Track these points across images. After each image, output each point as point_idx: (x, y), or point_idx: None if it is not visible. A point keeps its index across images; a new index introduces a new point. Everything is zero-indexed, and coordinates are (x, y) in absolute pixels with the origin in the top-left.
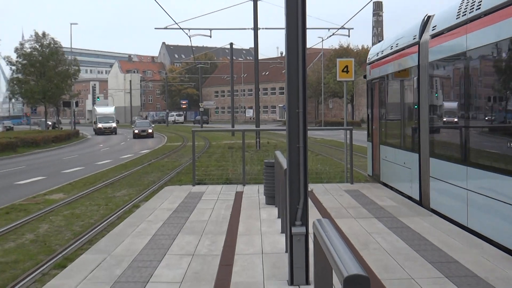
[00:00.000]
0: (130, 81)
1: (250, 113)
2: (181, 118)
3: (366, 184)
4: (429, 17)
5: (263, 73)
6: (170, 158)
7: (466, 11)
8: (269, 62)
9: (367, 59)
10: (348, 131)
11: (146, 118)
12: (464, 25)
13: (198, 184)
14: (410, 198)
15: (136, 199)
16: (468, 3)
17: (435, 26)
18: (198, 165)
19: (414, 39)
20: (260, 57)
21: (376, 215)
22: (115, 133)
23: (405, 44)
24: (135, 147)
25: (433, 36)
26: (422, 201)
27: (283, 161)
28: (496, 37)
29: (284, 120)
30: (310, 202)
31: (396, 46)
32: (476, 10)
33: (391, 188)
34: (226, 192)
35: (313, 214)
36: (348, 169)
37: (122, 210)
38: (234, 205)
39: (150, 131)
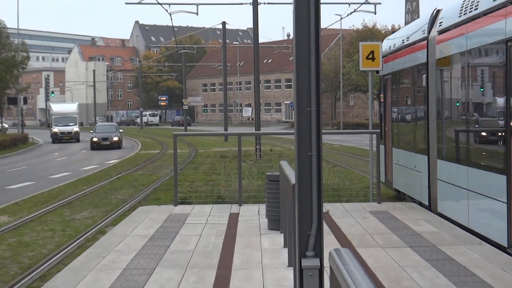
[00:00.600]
0: (94, 71)
1: (248, 112)
2: (156, 119)
3: (397, 204)
4: (438, 11)
5: (265, 61)
6: (145, 170)
7: (466, 10)
8: (272, 47)
9: (381, 50)
10: (374, 135)
11: (110, 119)
12: (465, 24)
13: (181, 203)
14: (420, 203)
15: (102, 223)
16: (468, 3)
17: (442, 22)
18: (181, 179)
19: (423, 33)
20: (261, 40)
21: (410, 243)
22: (77, 140)
23: (415, 39)
24: (100, 156)
25: (440, 32)
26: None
27: (291, 174)
28: (492, 39)
29: (291, 121)
30: (325, 227)
31: (407, 40)
32: (474, 10)
33: (403, 195)
34: (217, 214)
35: (330, 243)
36: (375, 184)
37: (83, 237)
38: (227, 230)
39: (115, 139)
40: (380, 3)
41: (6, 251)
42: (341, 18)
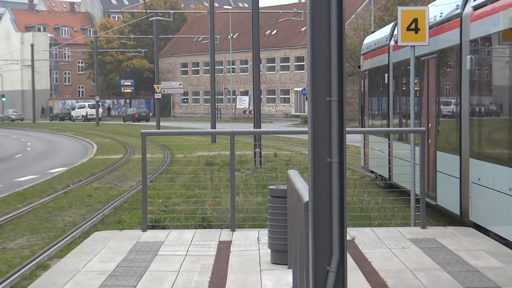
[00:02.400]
0: (32, 45)
1: (244, 103)
2: (92, 112)
3: (448, 229)
4: (395, 23)
5: (268, 33)
6: (102, 182)
7: None
8: (278, 13)
9: (427, 18)
10: (417, 135)
11: (50, 112)
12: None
13: (152, 228)
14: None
15: (43, 254)
16: None
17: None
18: (153, 194)
19: (457, 9)
20: (262, 3)
21: (466, 283)
22: None
23: (447, 16)
24: (42, 161)
25: (476, 8)
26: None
27: (303, 188)
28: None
29: (304, 115)
30: (350, 261)
31: (441, 16)
32: None
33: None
34: (201, 243)
35: (356, 282)
36: (418, 202)
37: (18, 274)
38: (215, 265)
39: None
40: None
41: None
42: None
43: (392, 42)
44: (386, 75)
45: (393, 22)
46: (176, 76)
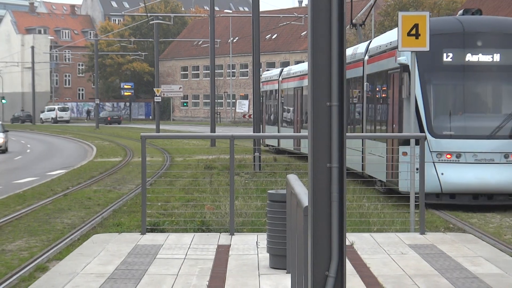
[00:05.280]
0: (33, 47)
1: (244, 107)
2: (66, 114)
3: (447, 235)
4: (370, 41)
5: (268, 37)
6: (101, 184)
7: (369, 52)
8: (278, 17)
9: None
10: (416, 141)
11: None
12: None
13: (151, 231)
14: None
15: (42, 257)
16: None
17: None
18: (152, 198)
19: (361, 55)
20: (263, 7)
21: None
22: (4, 151)
23: (354, 59)
24: (42, 163)
25: (369, 56)
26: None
27: (302, 193)
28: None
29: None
30: (349, 266)
31: (353, 57)
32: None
33: None
34: (200, 246)
35: (354, 287)
36: (417, 208)
37: (17, 276)
38: (214, 269)
39: None
40: None
41: None
42: None
43: (366, 57)
44: (361, 84)
45: (368, 41)
46: (176, 80)
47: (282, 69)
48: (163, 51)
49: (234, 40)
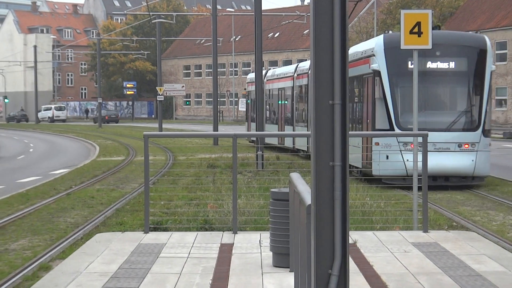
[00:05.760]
0: (35, 47)
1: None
2: (63, 114)
3: (450, 233)
4: (298, 65)
5: (270, 35)
6: (104, 183)
7: (297, 71)
8: (281, 16)
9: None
10: (419, 139)
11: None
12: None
13: (154, 230)
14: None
15: (45, 256)
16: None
17: (297, 71)
18: (155, 196)
19: (292, 72)
20: (265, 6)
21: (468, 287)
22: None
23: (287, 75)
24: (45, 163)
25: (297, 74)
26: None
27: (305, 191)
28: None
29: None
30: (352, 264)
31: (288, 73)
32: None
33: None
34: (203, 245)
35: (358, 286)
36: (420, 206)
37: (20, 275)
38: (217, 268)
39: None
40: None
41: None
42: None
43: (295, 75)
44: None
45: (296, 64)
46: (178, 78)
47: (267, 71)
48: (166, 50)
49: (237, 39)
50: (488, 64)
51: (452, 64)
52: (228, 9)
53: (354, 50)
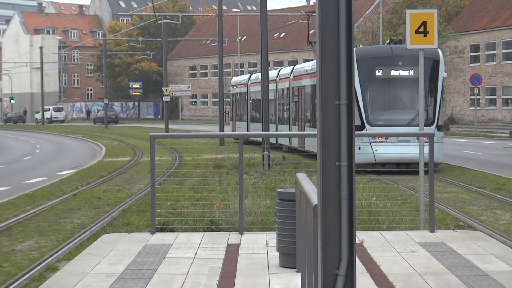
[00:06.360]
0: (41, 48)
1: None
2: (61, 115)
3: (457, 233)
4: (279, 71)
5: (276, 35)
6: (110, 184)
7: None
8: (286, 16)
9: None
10: (425, 139)
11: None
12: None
13: (161, 230)
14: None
15: (52, 257)
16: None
17: (279, 76)
18: (161, 197)
19: (274, 77)
20: (270, 6)
21: (476, 287)
22: None
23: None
24: (51, 163)
25: (294, 77)
26: None
27: (311, 192)
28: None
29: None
30: (359, 264)
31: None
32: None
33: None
34: (209, 246)
35: (365, 286)
36: (426, 206)
37: (27, 276)
38: (224, 268)
39: None
40: None
41: None
42: None
43: (278, 79)
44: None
45: (278, 70)
46: (184, 79)
47: (251, 75)
48: (171, 51)
49: (242, 39)
50: (441, 72)
51: (411, 72)
52: (233, 10)
53: None
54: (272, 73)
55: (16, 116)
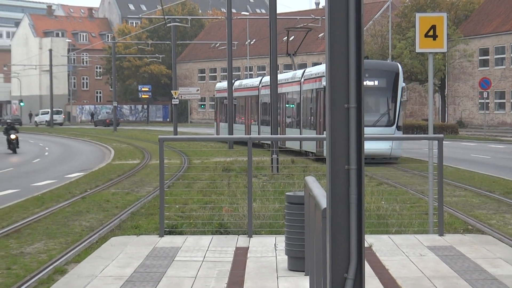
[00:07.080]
0: (51, 50)
1: None
2: (60, 117)
3: (466, 237)
4: (304, 70)
5: (285, 39)
6: (119, 187)
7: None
8: (295, 19)
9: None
10: (434, 142)
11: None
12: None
13: (169, 233)
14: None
15: (61, 259)
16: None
17: (304, 76)
18: (170, 200)
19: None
20: (279, 9)
21: None
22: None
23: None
24: (60, 166)
25: (305, 79)
26: None
27: (320, 195)
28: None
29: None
30: (367, 268)
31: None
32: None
33: None
34: (218, 249)
35: None
36: (435, 210)
37: (35, 279)
38: (232, 271)
39: None
40: None
41: None
42: None
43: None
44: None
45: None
46: (193, 82)
47: (235, 81)
48: (181, 54)
49: (251, 42)
50: (400, 82)
51: (376, 82)
52: (243, 13)
53: (309, 71)
54: (253, 80)
55: (12, 119)
